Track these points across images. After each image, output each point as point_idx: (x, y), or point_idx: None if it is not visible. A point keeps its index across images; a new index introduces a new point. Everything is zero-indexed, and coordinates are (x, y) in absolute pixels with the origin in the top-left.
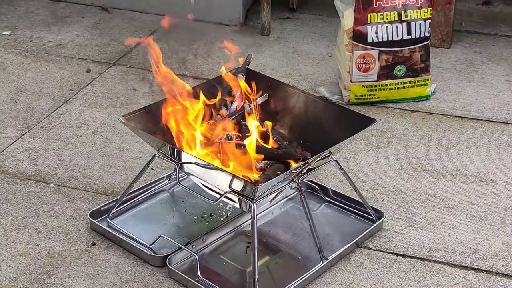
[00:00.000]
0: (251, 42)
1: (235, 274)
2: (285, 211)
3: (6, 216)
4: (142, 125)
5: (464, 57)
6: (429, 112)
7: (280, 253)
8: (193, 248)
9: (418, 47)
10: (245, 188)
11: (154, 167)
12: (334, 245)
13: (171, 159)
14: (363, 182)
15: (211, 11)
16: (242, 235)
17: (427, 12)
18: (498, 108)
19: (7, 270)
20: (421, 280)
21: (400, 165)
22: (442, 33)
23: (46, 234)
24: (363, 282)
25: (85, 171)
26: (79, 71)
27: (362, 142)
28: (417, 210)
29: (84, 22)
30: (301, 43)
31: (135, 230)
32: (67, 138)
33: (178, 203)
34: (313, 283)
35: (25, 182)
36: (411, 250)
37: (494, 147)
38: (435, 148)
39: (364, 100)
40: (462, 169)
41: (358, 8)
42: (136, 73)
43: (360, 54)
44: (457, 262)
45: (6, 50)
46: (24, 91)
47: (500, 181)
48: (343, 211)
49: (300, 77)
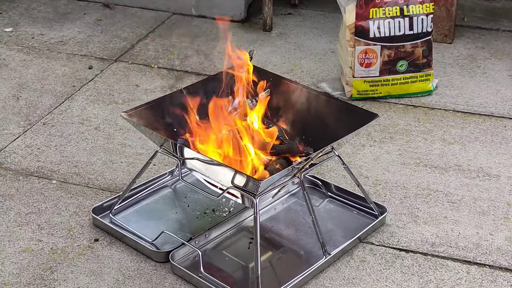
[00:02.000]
0: (253, 38)
1: (238, 270)
2: (287, 206)
3: (9, 212)
4: (144, 121)
5: (467, 52)
6: (432, 107)
7: (282, 249)
8: (196, 243)
9: (420, 42)
10: (248, 184)
11: (156, 163)
12: (336, 240)
13: (173, 155)
14: (365, 177)
15: (212, 7)
16: (244, 230)
17: (429, 7)
18: (500, 103)
19: (10, 266)
20: (424, 275)
21: (403, 160)
22: (444, 28)
23: (49, 230)
24: (366, 277)
25: (88, 167)
26: (81, 67)
27: (365, 137)
28: (419, 205)
29: (86, 18)
30: (303, 39)
31: (138, 226)
32: (69, 134)
33: (181, 199)
34: (316, 278)
35: (28, 178)
36: (414, 245)
37: (496, 142)
38: (438, 143)
39: (366, 96)
40: (464, 164)
41: (360, 3)
42: (138, 69)
43: (362, 49)
44: (460, 257)
45: (8, 47)
46: (26, 87)
47: (503, 176)
48: (345, 207)
49: (302, 73)
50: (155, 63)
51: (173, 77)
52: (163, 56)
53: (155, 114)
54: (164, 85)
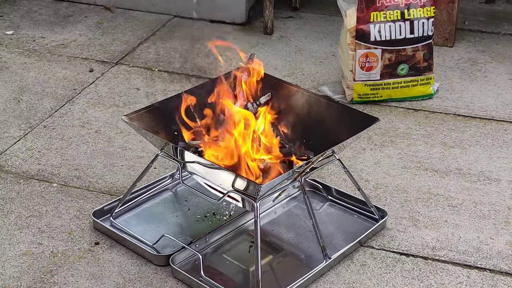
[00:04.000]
0: (254, 41)
1: (238, 273)
2: (288, 210)
3: (9, 215)
4: (145, 124)
5: (467, 56)
6: (432, 111)
7: (283, 252)
8: (196, 247)
9: (421, 45)
10: (248, 187)
11: (157, 167)
12: (337, 244)
13: (174, 158)
14: (366, 181)
15: (214, 10)
16: (245, 234)
17: (430, 10)
18: (501, 106)
19: (10, 270)
20: (424, 279)
21: (403, 164)
22: (445, 32)
23: (49, 233)
24: (366, 281)
25: (88, 170)
26: (82, 70)
27: (365, 141)
28: (420, 209)
29: (87, 21)
30: (304, 42)
31: (138, 229)
32: (70, 137)
33: (181, 202)
34: (316, 282)
35: (28, 181)
36: (414, 249)
37: (497, 145)
38: (438, 147)
39: (367, 99)
40: (465, 168)
41: (361, 7)
42: (139, 72)
43: (363, 53)
44: (461, 261)
45: (9, 50)
46: (27, 90)
47: (504, 180)
48: (346, 210)
49: (303, 76)
50: (156, 66)
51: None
52: (164, 59)
53: (156, 118)
54: (165, 88)
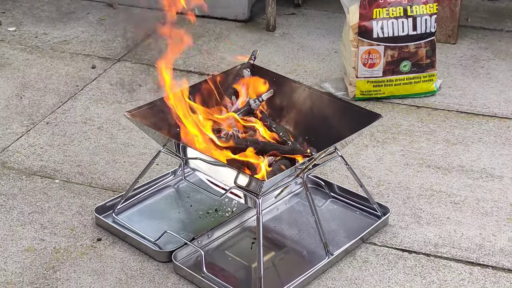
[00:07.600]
0: (257, 38)
1: (240, 270)
2: (290, 206)
3: (11, 211)
4: (148, 120)
5: (470, 53)
6: (435, 107)
7: (285, 249)
8: (199, 243)
9: (424, 42)
10: (251, 184)
11: (159, 163)
12: (339, 240)
13: (176, 154)
14: (368, 177)
15: (216, 6)
16: (247, 230)
17: (432, 7)
18: (504, 103)
19: (13, 266)
20: (426, 276)
21: (406, 161)
22: (448, 29)
23: (51, 229)
24: (368, 277)
25: (91, 166)
26: (84, 67)
27: (368, 138)
28: (422, 206)
29: (89, 18)
30: (307, 39)
31: (141, 225)
32: (72, 134)
33: (184, 198)
34: (318, 278)
35: (31, 177)
36: (416, 245)
37: (500, 142)
38: (441, 144)
39: (369, 96)
40: (468, 165)
41: (363, 4)
42: (141, 69)
43: (366, 49)
44: (463, 258)
45: (11, 46)
46: (29, 87)
47: (506, 177)
48: (348, 207)
49: (306, 73)
50: None
51: None
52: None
53: (158, 114)
54: None
